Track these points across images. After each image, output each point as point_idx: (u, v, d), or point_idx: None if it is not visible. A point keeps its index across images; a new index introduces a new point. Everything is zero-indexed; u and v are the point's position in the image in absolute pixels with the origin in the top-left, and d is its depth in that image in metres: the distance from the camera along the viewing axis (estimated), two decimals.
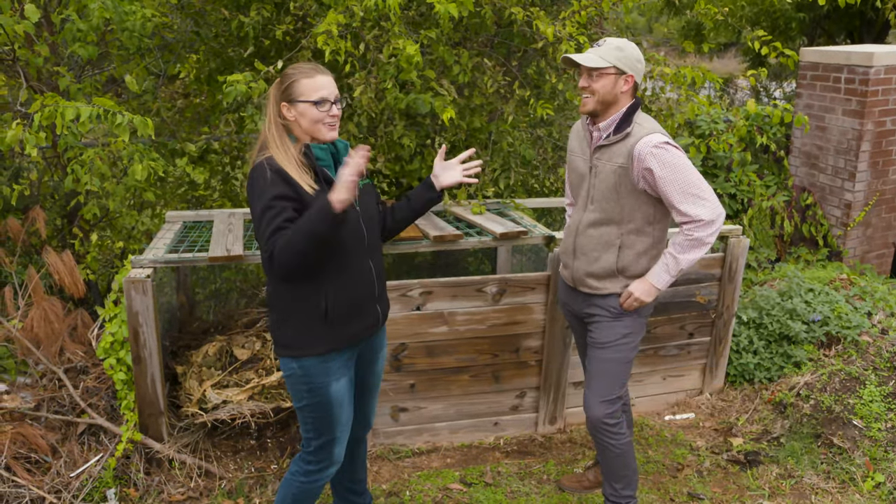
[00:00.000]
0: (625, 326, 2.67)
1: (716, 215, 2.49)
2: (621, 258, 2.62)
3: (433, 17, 3.64)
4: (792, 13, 8.72)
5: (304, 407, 2.37)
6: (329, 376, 2.32)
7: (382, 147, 3.92)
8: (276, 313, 2.34)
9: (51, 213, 4.34)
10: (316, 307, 2.26)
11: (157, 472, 3.16)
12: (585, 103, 2.57)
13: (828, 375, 3.63)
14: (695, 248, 2.52)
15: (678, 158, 2.47)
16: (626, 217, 2.59)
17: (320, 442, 2.40)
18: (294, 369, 2.31)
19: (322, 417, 2.36)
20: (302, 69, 2.27)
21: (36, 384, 3.34)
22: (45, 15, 3.70)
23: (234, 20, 3.79)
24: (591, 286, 2.68)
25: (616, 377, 2.69)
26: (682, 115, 4.04)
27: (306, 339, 2.29)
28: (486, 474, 3.31)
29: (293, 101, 2.25)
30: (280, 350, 2.34)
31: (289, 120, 2.28)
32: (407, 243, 3.32)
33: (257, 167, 2.21)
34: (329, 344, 2.30)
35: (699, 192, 2.48)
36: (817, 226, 5.01)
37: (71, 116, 2.59)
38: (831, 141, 4.88)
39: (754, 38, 4.05)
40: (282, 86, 2.26)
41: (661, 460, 3.43)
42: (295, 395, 2.37)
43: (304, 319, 2.28)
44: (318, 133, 2.28)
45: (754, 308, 4.00)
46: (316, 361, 2.29)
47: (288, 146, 2.25)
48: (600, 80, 2.51)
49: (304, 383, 2.32)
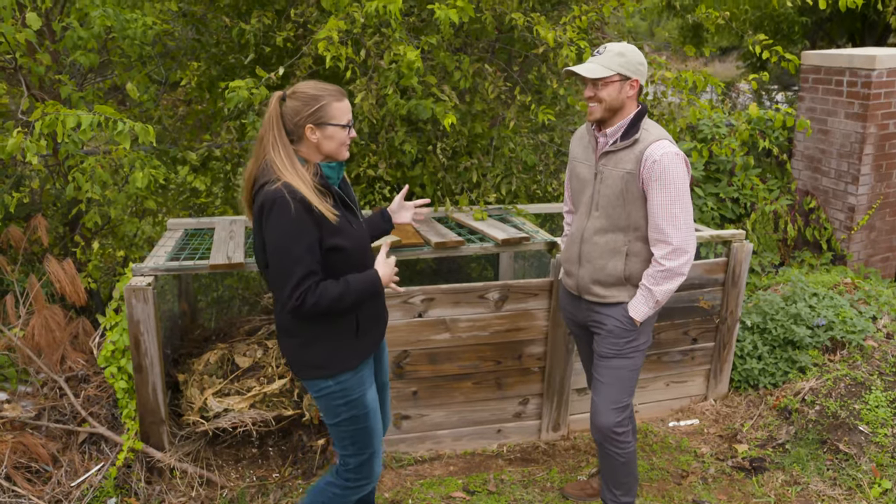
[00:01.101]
0: (632, 334, 2.65)
1: (685, 244, 2.50)
2: (628, 266, 2.60)
3: (434, 23, 3.63)
4: (795, 17, 8.71)
5: (342, 422, 2.33)
6: (364, 385, 2.32)
7: (384, 153, 3.91)
8: (299, 337, 2.27)
9: (53, 221, 4.34)
10: (349, 325, 2.27)
11: (159, 481, 3.14)
12: (593, 112, 2.56)
13: (833, 381, 3.61)
14: (667, 279, 2.53)
15: (681, 175, 2.48)
16: (633, 224, 2.57)
17: (362, 458, 2.39)
18: (330, 386, 2.27)
19: (361, 430, 2.35)
20: (329, 90, 2.19)
21: (37, 393, 3.33)
22: (47, 23, 3.70)
23: (235, 27, 3.80)
24: (598, 294, 2.66)
25: (625, 385, 2.67)
26: (684, 120, 4.03)
27: (340, 356, 2.27)
28: (490, 482, 3.29)
29: (323, 125, 2.17)
30: (309, 372, 2.28)
31: (310, 141, 2.19)
32: (409, 250, 3.31)
33: (277, 198, 2.08)
34: (361, 356, 2.31)
35: (681, 215, 2.49)
36: (821, 230, 4.99)
37: (72, 124, 2.58)
38: (834, 144, 4.86)
39: (755, 42, 4.04)
40: (309, 107, 2.16)
41: (665, 467, 3.41)
42: (330, 413, 2.33)
43: (335, 338, 2.26)
44: (339, 154, 2.24)
45: (758, 313, 3.97)
46: (351, 375, 2.29)
47: (300, 170, 2.15)
48: (606, 89, 2.50)
49: (342, 398, 2.29)
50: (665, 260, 2.50)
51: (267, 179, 2.13)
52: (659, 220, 2.50)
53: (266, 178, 2.14)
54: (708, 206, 4.79)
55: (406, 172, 4.08)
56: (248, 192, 2.25)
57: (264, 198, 2.10)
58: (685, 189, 2.49)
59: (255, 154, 2.22)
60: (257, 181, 2.18)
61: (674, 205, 2.47)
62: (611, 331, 2.65)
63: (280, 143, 2.16)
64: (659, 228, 2.51)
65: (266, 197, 2.09)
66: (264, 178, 2.14)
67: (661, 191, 2.47)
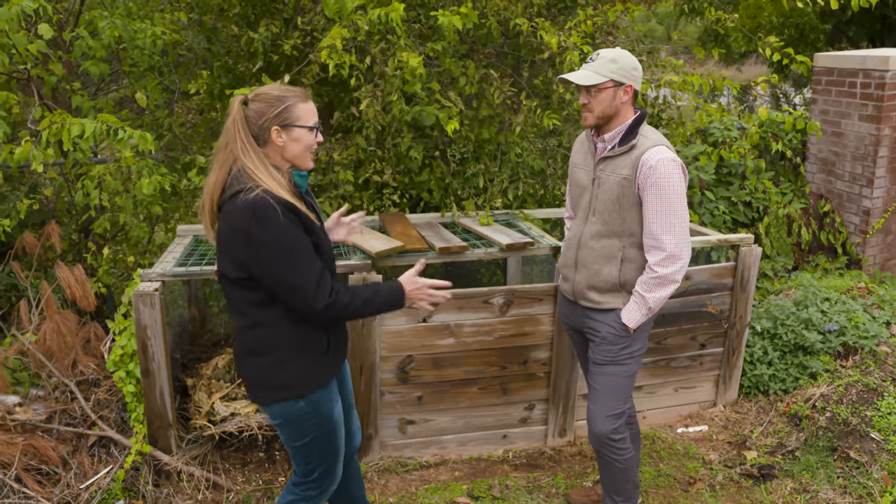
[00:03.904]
0: (627, 341, 2.64)
1: (679, 251, 2.47)
2: (623, 272, 2.59)
3: (440, 29, 3.65)
4: (817, 23, 8.63)
5: (310, 441, 2.25)
6: (332, 400, 2.26)
7: (391, 159, 3.94)
8: (269, 356, 2.15)
9: (67, 227, 4.42)
10: (319, 343, 2.20)
11: (166, 484, 3.18)
12: (586, 118, 2.56)
13: (844, 387, 3.55)
14: (660, 286, 2.51)
15: (676, 182, 2.47)
16: (628, 230, 2.56)
17: (324, 468, 2.34)
18: (301, 408, 2.18)
19: (328, 444, 2.29)
20: (293, 92, 2.09)
21: (49, 396, 3.39)
22: (59, 34, 3.78)
23: (244, 36, 3.85)
24: (593, 300, 2.65)
25: (620, 391, 2.66)
26: (693, 124, 4.00)
27: (311, 374, 2.19)
28: (495, 488, 3.28)
29: (289, 126, 2.07)
30: (279, 394, 2.16)
31: (276, 144, 2.08)
32: (413, 255, 3.32)
33: (263, 205, 1.95)
34: (331, 371, 2.26)
35: (676, 221, 2.47)
36: (835, 233, 4.92)
37: (76, 133, 2.64)
38: (848, 147, 4.79)
39: (766, 45, 4.01)
40: (273, 108, 2.06)
41: (672, 474, 3.37)
42: (298, 435, 2.23)
43: (306, 356, 2.18)
44: (304, 161, 2.13)
45: (769, 318, 3.93)
46: (323, 392, 2.23)
47: (276, 175, 2.06)
48: (599, 95, 2.50)
49: (314, 417, 2.21)
50: (658, 266, 2.49)
51: (241, 188, 1.99)
52: (653, 226, 2.48)
53: (240, 187, 2.00)
54: (720, 210, 4.75)
55: (413, 178, 4.10)
56: (213, 203, 2.09)
57: (245, 207, 1.96)
58: (681, 196, 2.47)
59: (219, 162, 2.08)
60: (226, 191, 2.04)
61: (669, 211, 2.46)
62: (605, 338, 2.64)
63: (250, 147, 2.04)
64: (653, 234, 2.49)
65: (247, 206, 1.96)
66: (238, 187, 2.00)
67: (656, 197, 2.46)
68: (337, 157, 3.79)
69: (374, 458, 3.42)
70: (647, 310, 2.56)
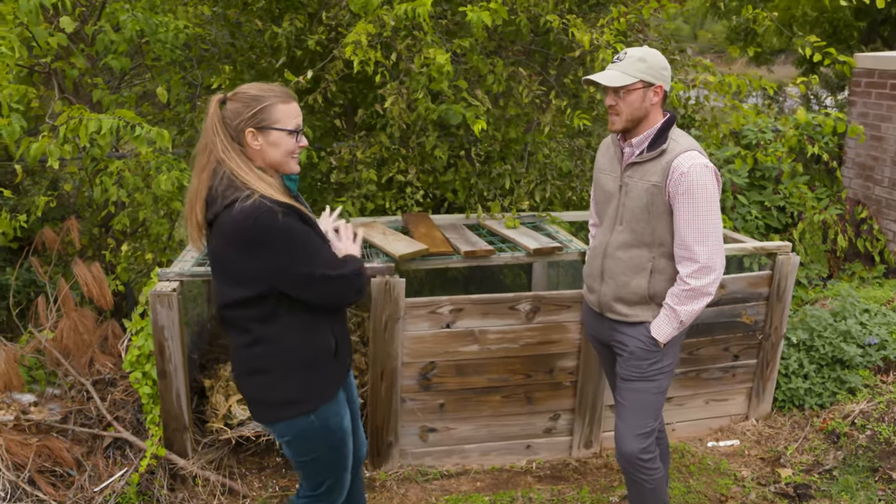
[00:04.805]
0: (657, 356, 2.50)
1: (712, 262, 2.33)
2: (653, 283, 2.45)
3: (468, 25, 3.54)
4: (852, 21, 8.37)
5: (320, 457, 2.16)
6: (341, 411, 2.17)
7: (415, 158, 3.84)
8: (272, 373, 2.05)
9: (87, 223, 4.38)
10: (326, 346, 2.10)
11: (181, 489, 3.11)
12: (614, 122, 2.42)
13: (885, 404, 3.40)
14: (692, 298, 2.37)
15: (710, 188, 2.33)
16: (658, 239, 2.43)
17: (332, 480, 2.25)
18: (311, 422, 2.08)
19: (337, 457, 2.20)
20: (274, 91, 1.95)
21: (64, 395, 3.34)
22: (81, 27, 3.73)
23: (268, 31, 3.77)
24: (620, 312, 2.52)
25: (650, 408, 2.52)
26: (728, 126, 3.86)
27: (318, 385, 2.09)
28: (517, 500, 3.17)
29: (265, 129, 1.92)
30: (287, 411, 2.06)
31: (252, 149, 1.94)
32: (438, 259, 3.23)
33: (261, 210, 1.84)
34: (338, 381, 2.16)
35: (709, 230, 2.33)
36: (873, 241, 4.74)
37: (93, 128, 2.57)
38: (888, 151, 4.61)
39: (805, 44, 3.85)
40: (249, 109, 1.92)
41: (702, 490, 3.24)
42: (307, 450, 2.14)
43: (312, 364, 2.08)
44: (287, 167, 2.00)
45: (805, 329, 3.77)
46: (329, 405, 2.13)
47: (266, 177, 1.94)
48: (628, 97, 2.36)
49: (322, 430, 2.12)
50: (690, 279, 2.35)
51: (236, 196, 1.86)
52: (685, 235, 2.35)
53: (235, 195, 1.87)
54: (752, 215, 4.59)
55: (438, 177, 4.00)
56: (199, 213, 1.94)
57: (244, 218, 1.84)
58: (714, 203, 2.33)
59: (199, 167, 1.95)
60: (217, 199, 1.90)
61: (701, 220, 2.32)
62: (633, 352, 2.50)
63: (231, 150, 1.91)
64: (685, 244, 2.36)
65: (246, 216, 1.84)
66: (232, 195, 1.87)
67: (688, 204, 2.32)
68: (360, 155, 3.70)
69: (394, 467, 3.32)
70: (678, 324, 2.42)
